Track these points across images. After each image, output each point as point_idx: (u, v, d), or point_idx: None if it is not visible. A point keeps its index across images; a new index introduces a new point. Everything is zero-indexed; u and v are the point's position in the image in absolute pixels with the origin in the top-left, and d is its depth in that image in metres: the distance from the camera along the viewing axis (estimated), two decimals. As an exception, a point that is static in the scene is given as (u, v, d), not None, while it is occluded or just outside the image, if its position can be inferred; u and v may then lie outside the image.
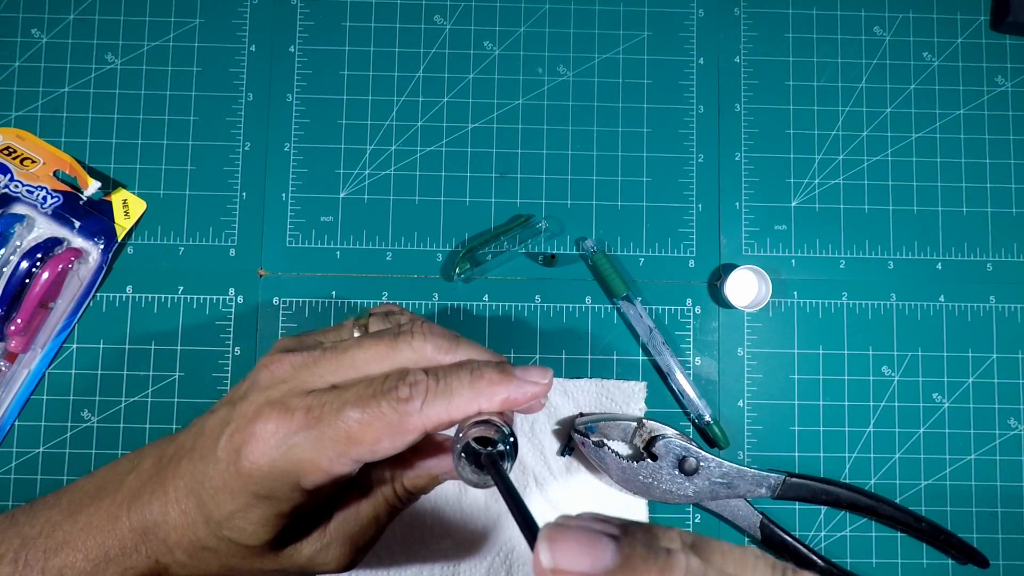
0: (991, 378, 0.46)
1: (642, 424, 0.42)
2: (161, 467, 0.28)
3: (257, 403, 0.27)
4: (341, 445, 0.25)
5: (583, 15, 0.48)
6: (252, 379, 0.28)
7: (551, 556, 0.16)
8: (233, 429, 0.26)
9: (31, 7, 0.47)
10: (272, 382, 0.27)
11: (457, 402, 0.26)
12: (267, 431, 0.26)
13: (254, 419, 0.26)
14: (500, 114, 0.47)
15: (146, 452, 0.30)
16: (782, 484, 0.43)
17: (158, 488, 0.27)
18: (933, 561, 0.45)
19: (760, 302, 0.45)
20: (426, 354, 0.28)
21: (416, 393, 0.26)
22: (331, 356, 0.28)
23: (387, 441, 0.26)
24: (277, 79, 0.47)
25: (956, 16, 0.49)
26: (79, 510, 0.28)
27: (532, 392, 0.27)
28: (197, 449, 0.27)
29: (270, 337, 0.45)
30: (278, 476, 0.26)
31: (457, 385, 0.27)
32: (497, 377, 0.27)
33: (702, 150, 0.47)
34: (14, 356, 0.43)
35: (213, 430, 0.27)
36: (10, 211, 0.44)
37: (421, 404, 0.26)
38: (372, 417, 0.25)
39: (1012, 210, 0.47)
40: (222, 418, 0.27)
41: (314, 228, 0.46)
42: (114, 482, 0.29)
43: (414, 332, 0.28)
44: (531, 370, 0.28)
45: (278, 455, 0.25)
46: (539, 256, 0.46)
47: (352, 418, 0.25)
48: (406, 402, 0.26)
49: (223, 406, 0.28)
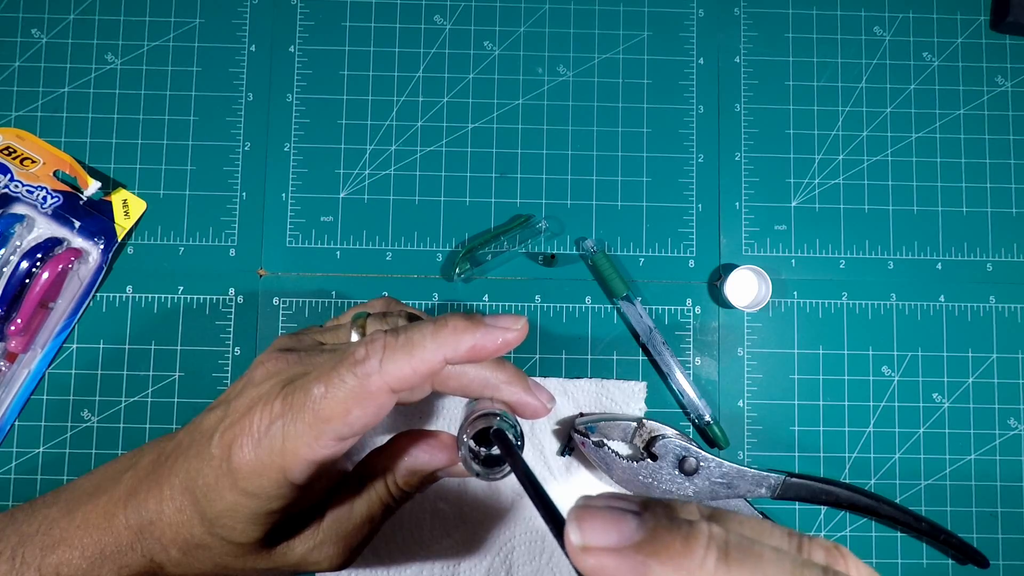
0: (991, 378, 0.46)
1: (642, 424, 0.42)
2: (158, 465, 0.28)
3: (249, 398, 0.27)
4: (315, 426, 0.25)
5: (583, 15, 0.48)
6: (248, 376, 0.28)
7: (580, 535, 0.16)
8: (226, 426, 0.26)
9: (31, 7, 0.47)
10: (266, 378, 0.27)
11: (420, 354, 0.25)
12: (253, 425, 0.25)
13: (245, 414, 0.26)
14: (500, 114, 0.47)
15: (144, 450, 0.30)
16: (782, 484, 0.43)
17: (154, 486, 0.27)
18: (933, 561, 0.45)
19: (760, 302, 0.45)
20: None
21: (373, 351, 0.25)
22: (327, 358, 0.27)
23: (356, 409, 0.25)
24: (277, 79, 0.47)
25: (956, 16, 0.49)
26: (76, 507, 0.28)
27: (504, 339, 0.26)
28: (193, 446, 0.27)
29: (270, 337, 0.45)
30: (265, 471, 0.25)
31: (419, 337, 0.25)
32: (463, 324, 0.25)
33: (702, 150, 0.47)
34: (14, 356, 0.43)
35: (208, 427, 0.27)
36: (10, 211, 0.44)
37: (379, 362, 0.25)
38: (334, 388, 0.25)
39: (1012, 210, 0.47)
40: (217, 416, 0.27)
41: (314, 228, 0.46)
42: (112, 480, 0.29)
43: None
44: (501, 317, 0.26)
45: (262, 448, 0.25)
46: (539, 256, 0.46)
47: (317, 394, 0.25)
48: (363, 363, 0.25)
49: (220, 404, 0.28)
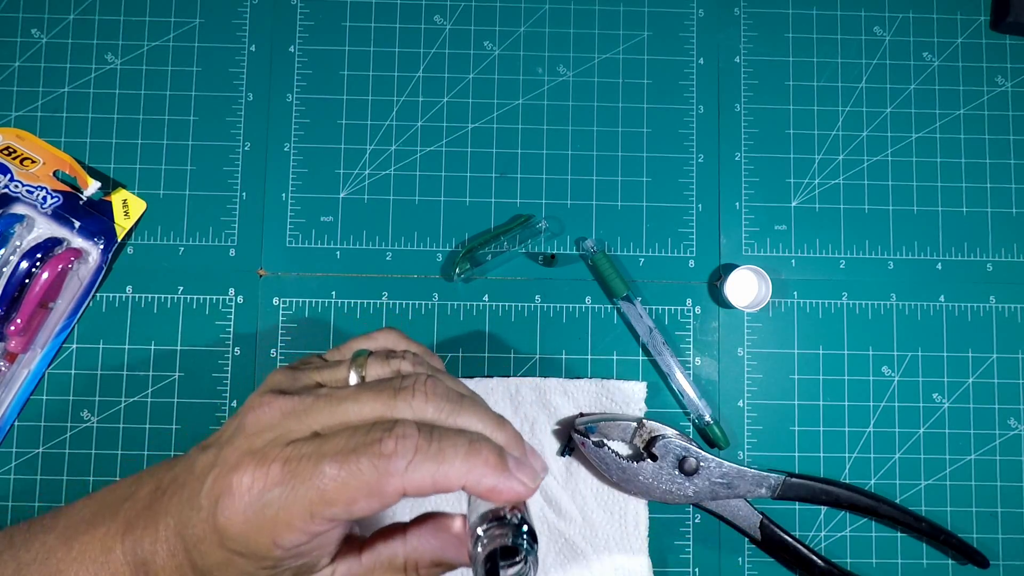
0: (991, 378, 0.46)
1: (642, 424, 0.42)
2: (155, 499, 0.27)
3: (240, 451, 0.25)
4: (314, 504, 0.24)
5: (583, 15, 0.48)
6: (240, 420, 0.27)
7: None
8: (215, 475, 0.25)
9: (31, 7, 0.47)
10: (258, 428, 0.26)
11: (446, 471, 0.24)
12: (243, 485, 0.24)
13: (234, 469, 0.25)
14: (500, 114, 0.47)
15: (143, 479, 0.29)
16: (782, 484, 0.43)
17: (150, 523, 0.27)
18: (933, 561, 0.45)
19: (760, 302, 0.45)
20: (426, 416, 0.26)
21: (402, 450, 0.24)
22: (323, 406, 0.26)
23: (363, 502, 0.24)
24: (277, 79, 0.47)
25: (956, 16, 0.49)
26: (74, 537, 0.27)
27: (518, 493, 0.25)
28: (186, 488, 0.26)
29: (270, 337, 0.45)
30: (253, 534, 0.24)
31: (452, 453, 0.24)
32: (493, 461, 0.25)
33: (702, 150, 0.47)
34: (14, 356, 0.43)
35: (202, 471, 0.26)
36: (10, 211, 0.44)
37: (407, 465, 0.24)
38: (349, 475, 0.24)
39: (1012, 210, 0.47)
40: (209, 459, 0.26)
41: (314, 228, 0.46)
42: (110, 509, 0.28)
43: (415, 390, 0.26)
44: (525, 468, 0.26)
45: (252, 513, 0.24)
46: (539, 256, 0.46)
47: (328, 475, 0.24)
48: (389, 459, 0.24)
49: (213, 444, 0.27)
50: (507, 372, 0.45)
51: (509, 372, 0.45)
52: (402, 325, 0.45)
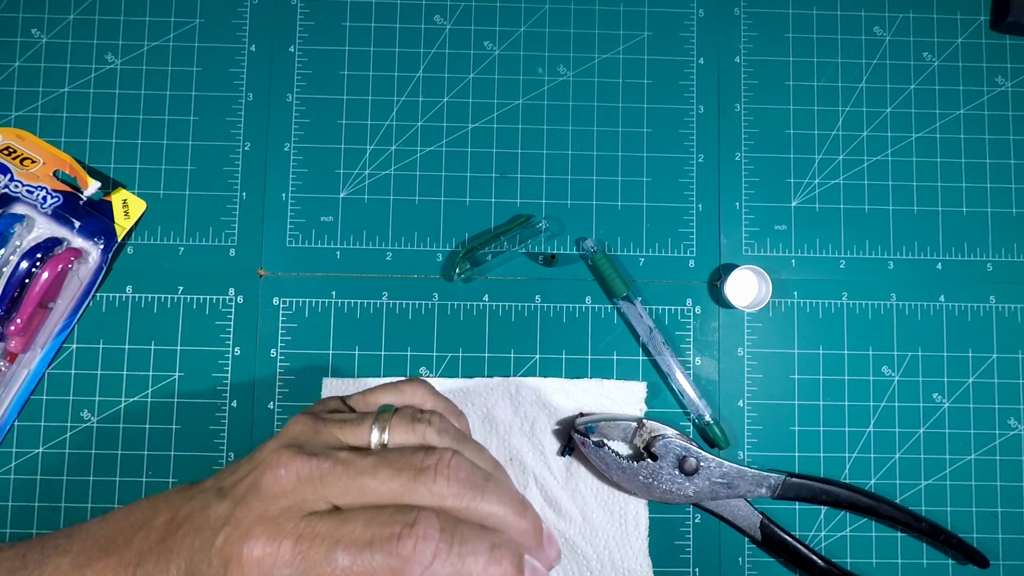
0: (991, 378, 0.46)
1: (642, 424, 0.42)
2: (169, 533, 0.27)
3: (254, 515, 0.25)
4: None
5: (583, 15, 0.48)
6: (257, 479, 0.26)
7: None
8: (227, 535, 0.25)
9: (31, 7, 0.47)
10: (273, 493, 0.26)
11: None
12: (253, 557, 0.24)
13: (246, 536, 0.25)
14: (500, 114, 0.47)
15: (159, 507, 0.28)
16: (782, 484, 0.43)
17: (162, 559, 0.26)
18: (933, 561, 0.45)
19: (760, 302, 0.45)
20: (445, 502, 0.25)
21: (421, 555, 0.23)
22: (340, 476, 0.26)
23: None
24: (277, 79, 0.47)
25: (956, 16, 0.49)
26: (87, 564, 0.27)
27: None
28: (200, 535, 0.26)
29: (270, 337, 0.45)
30: None
31: (472, 562, 0.24)
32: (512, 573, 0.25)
33: (702, 150, 0.47)
34: (14, 356, 0.43)
35: (216, 523, 0.26)
36: (10, 211, 0.44)
37: (422, 571, 0.23)
38: (362, 570, 0.23)
39: (1012, 210, 0.47)
40: (225, 513, 0.26)
41: (314, 228, 0.46)
42: (124, 536, 0.28)
43: (438, 473, 0.26)
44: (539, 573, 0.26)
45: None
46: (539, 256, 0.46)
47: (340, 565, 0.23)
48: (406, 561, 0.23)
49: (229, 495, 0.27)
50: (507, 372, 0.45)
51: (509, 372, 0.45)
52: (402, 325, 0.45)
